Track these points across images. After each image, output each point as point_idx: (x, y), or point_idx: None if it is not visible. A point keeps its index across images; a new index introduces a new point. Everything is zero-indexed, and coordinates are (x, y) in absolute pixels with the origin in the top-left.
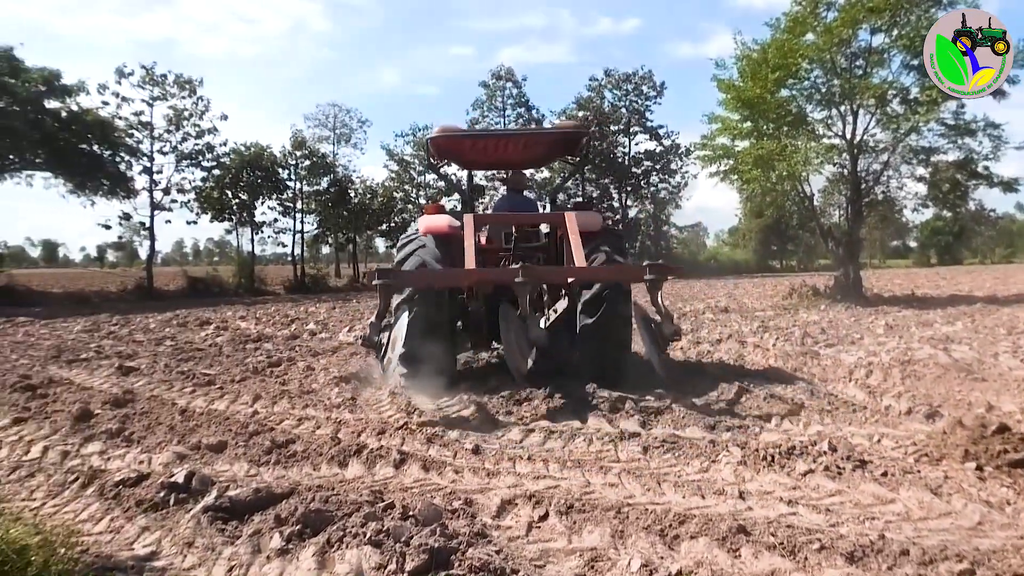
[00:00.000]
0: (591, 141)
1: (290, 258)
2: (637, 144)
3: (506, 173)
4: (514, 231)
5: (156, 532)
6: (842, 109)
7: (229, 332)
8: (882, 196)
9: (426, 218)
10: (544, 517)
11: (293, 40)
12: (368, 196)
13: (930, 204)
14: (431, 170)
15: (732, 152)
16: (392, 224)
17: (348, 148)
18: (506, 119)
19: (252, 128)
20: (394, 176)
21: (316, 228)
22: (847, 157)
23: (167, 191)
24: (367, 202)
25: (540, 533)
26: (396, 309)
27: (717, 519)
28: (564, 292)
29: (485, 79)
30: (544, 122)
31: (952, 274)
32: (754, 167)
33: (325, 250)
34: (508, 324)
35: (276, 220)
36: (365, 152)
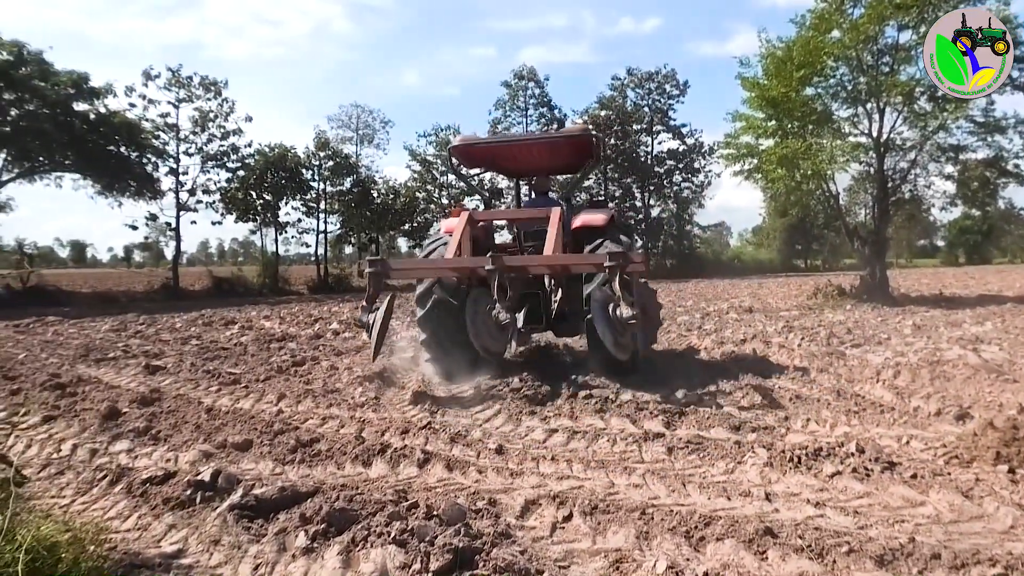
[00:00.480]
0: (602, 143)
1: (313, 258)
2: (660, 143)
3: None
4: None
5: (183, 530)
6: (868, 107)
7: (254, 331)
8: (909, 195)
9: (447, 219)
10: (568, 518)
11: (316, 42)
12: (391, 196)
13: (958, 202)
14: (454, 174)
15: (756, 151)
16: (415, 224)
17: (371, 149)
18: (528, 119)
19: (276, 129)
20: (416, 176)
21: (339, 228)
22: (873, 155)
23: (192, 192)
24: (390, 202)
25: (564, 534)
26: (419, 300)
27: (743, 521)
28: (554, 281)
29: (507, 79)
30: (566, 122)
31: (981, 273)
32: (779, 166)
33: (348, 250)
34: (476, 308)
35: (300, 220)
36: (387, 152)
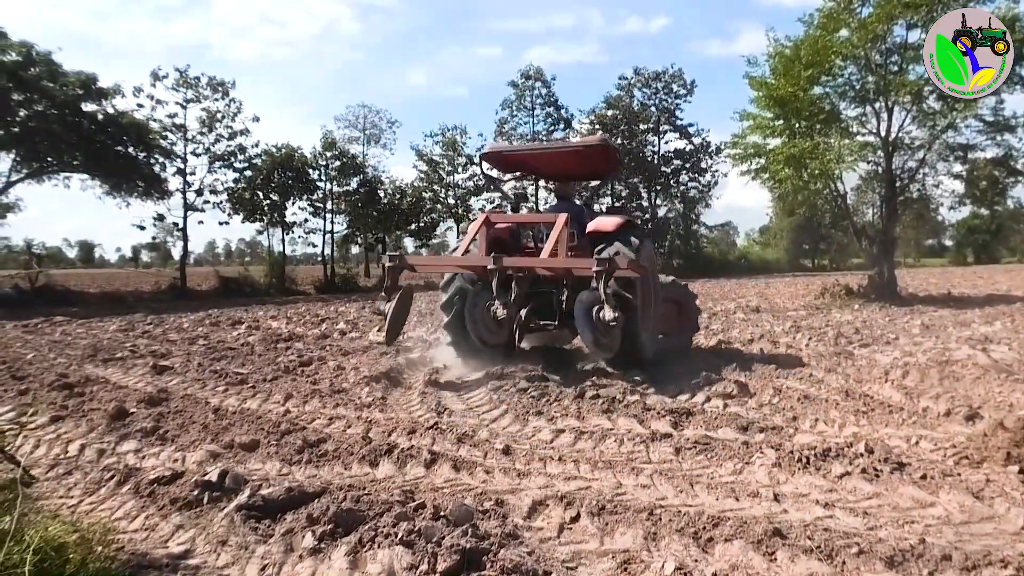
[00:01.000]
0: (619, 153)
1: (320, 258)
2: (667, 143)
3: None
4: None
5: (190, 530)
6: (876, 106)
7: (261, 331)
8: (917, 194)
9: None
10: (576, 518)
11: (323, 42)
12: (397, 196)
13: (967, 202)
14: (484, 176)
15: (764, 150)
16: (421, 224)
17: (377, 149)
18: (535, 119)
19: (283, 129)
20: (423, 176)
21: (346, 228)
22: (881, 154)
23: (200, 192)
24: (396, 202)
25: (572, 534)
26: (443, 287)
27: (752, 522)
28: (565, 282)
29: (514, 79)
30: (573, 121)
31: (989, 273)
32: (786, 165)
33: (355, 250)
34: (475, 302)
35: (306, 220)
36: (394, 153)
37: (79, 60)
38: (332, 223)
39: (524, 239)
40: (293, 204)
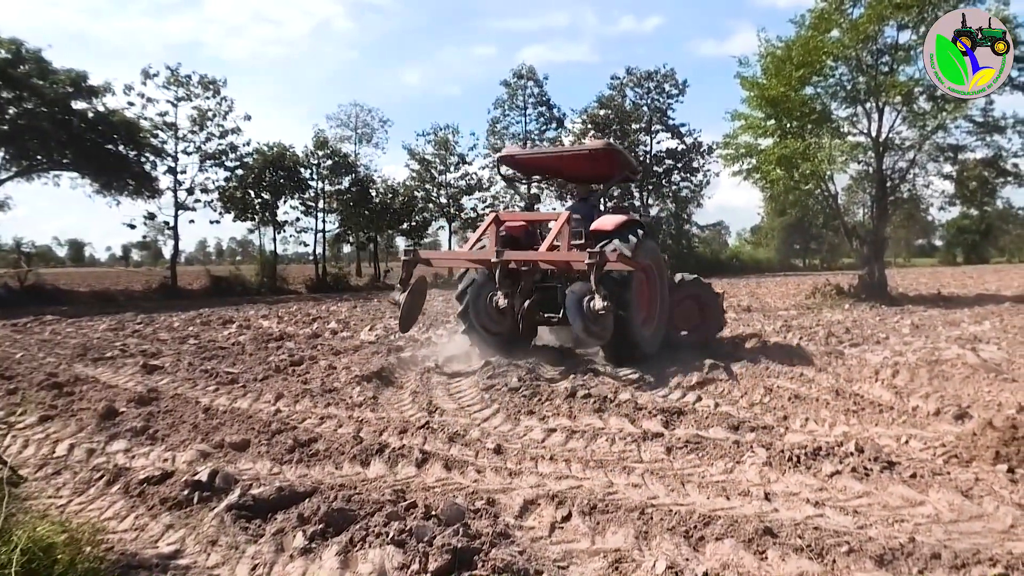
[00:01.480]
0: (625, 156)
1: (312, 257)
2: (659, 143)
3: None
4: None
5: (180, 530)
6: (867, 106)
7: (252, 331)
8: (908, 194)
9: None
10: (567, 517)
11: (317, 41)
12: (389, 195)
13: (957, 202)
14: (501, 177)
15: (755, 150)
16: (413, 223)
17: (369, 148)
18: (527, 118)
19: (277, 129)
20: (415, 176)
21: (337, 227)
22: (872, 155)
23: (191, 191)
24: (388, 201)
25: (563, 534)
26: (459, 278)
27: (743, 520)
28: (568, 276)
29: (506, 78)
30: (565, 121)
31: (979, 273)
32: (777, 166)
33: (346, 249)
34: (479, 293)
35: (298, 219)
36: (386, 152)
37: (72, 58)
38: (324, 222)
39: (542, 237)
40: (285, 203)
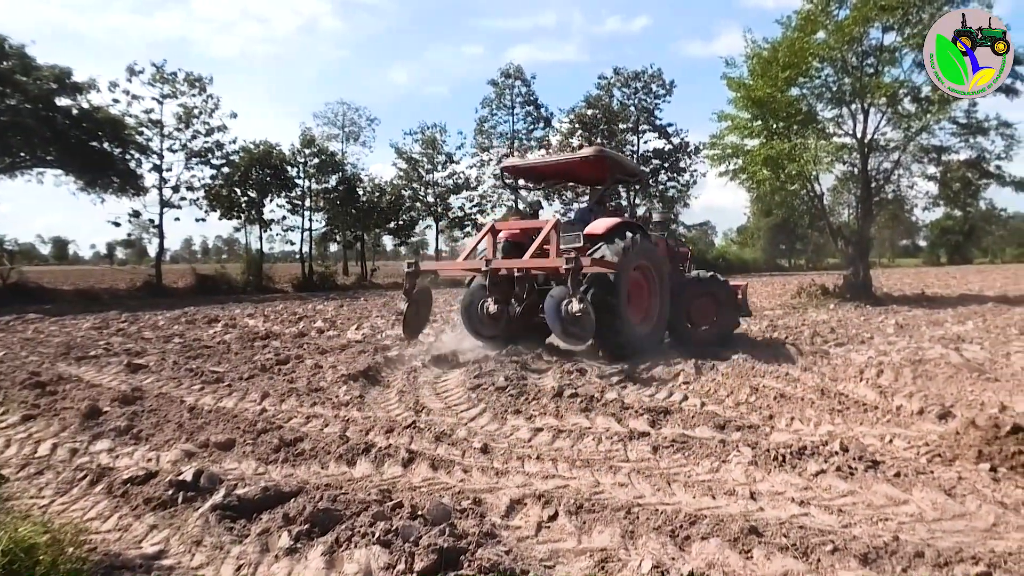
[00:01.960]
0: (617, 161)
1: (298, 256)
2: (646, 142)
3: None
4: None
5: (164, 530)
6: (853, 108)
7: (237, 330)
8: (892, 195)
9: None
10: (554, 517)
11: (305, 39)
12: (376, 194)
13: (940, 203)
14: (504, 184)
15: (742, 151)
16: (400, 222)
17: (357, 146)
18: (515, 118)
19: (263, 126)
20: (402, 174)
21: (324, 226)
22: (857, 156)
23: (176, 189)
24: (375, 200)
25: (550, 533)
26: (467, 282)
27: (728, 520)
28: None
29: (494, 78)
30: (552, 120)
31: (962, 273)
32: (764, 166)
33: (333, 248)
34: (471, 299)
35: (285, 218)
36: (373, 150)
37: (57, 54)
38: (310, 221)
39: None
40: (271, 201)
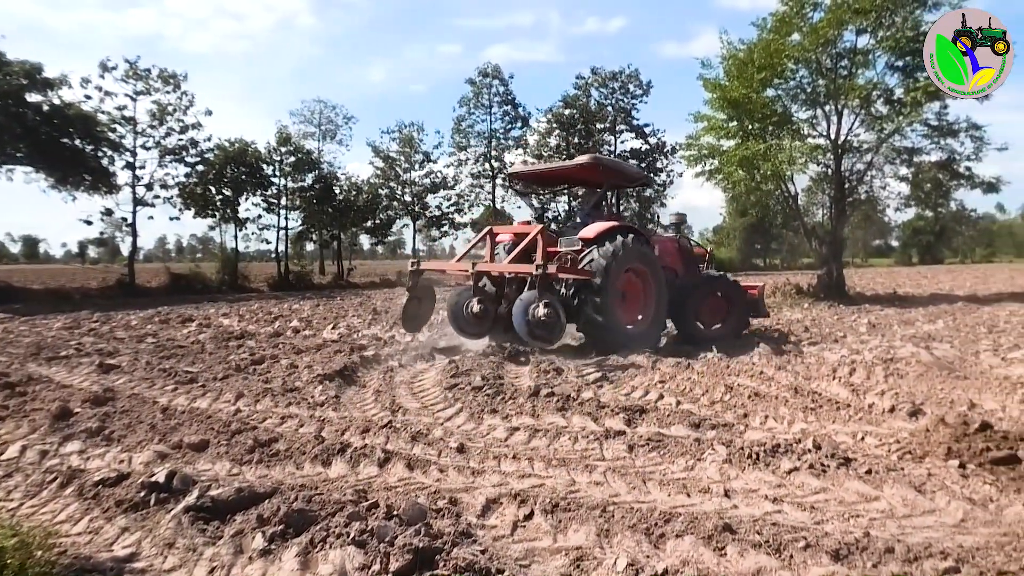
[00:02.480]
0: (611, 167)
1: (274, 255)
2: (623, 142)
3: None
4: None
5: (136, 533)
6: (827, 109)
7: (212, 329)
8: (865, 196)
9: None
10: (529, 516)
11: (280, 36)
12: (353, 193)
13: (912, 204)
14: (512, 190)
15: (717, 152)
16: (377, 221)
17: (333, 145)
18: (492, 117)
19: (238, 124)
20: (380, 173)
21: (300, 225)
22: (831, 157)
23: (150, 187)
24: (352, 199)
25: (525, 532)
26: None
27: (703, 517)
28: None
29: (472, 77)
30: (530, 120)
31: (933, 273)
32: (739, 167)
33: (309, 247)
34: (457, 300)
35: (260, 216)
36: (350, 149)
37: (28, 50)
38: (286, 219)
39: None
40: (246, 200)
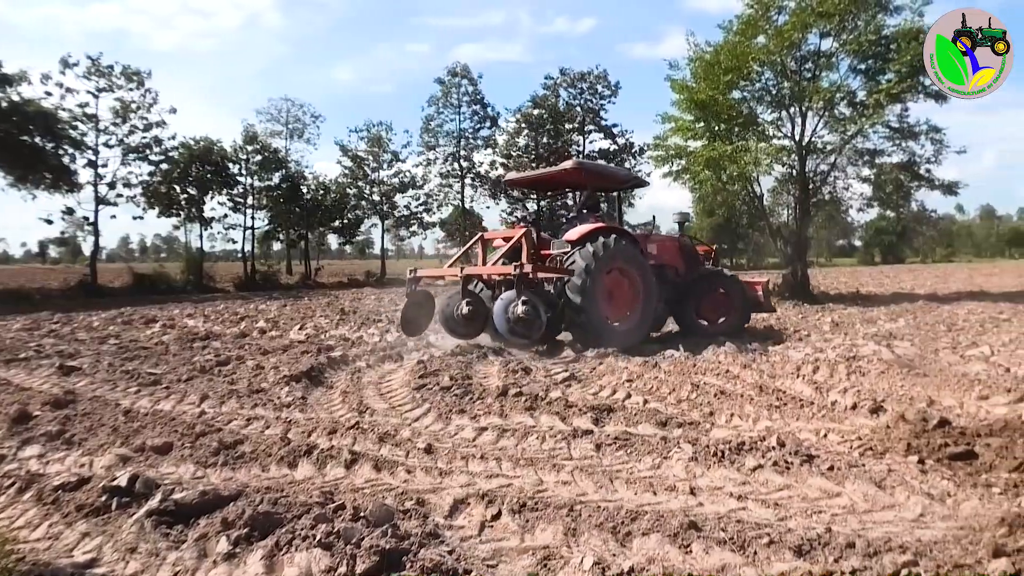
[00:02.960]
0: (593, 170)
1: (240, 255)
2: (592, 142)
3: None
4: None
5: (97, 538)
6: (791, 111)
7: (176, 330)
8: (829, 196)
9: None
10: (497, 516)
11: (247, 34)
12: (321, 192)
13: (874, 204)
14: (508, 195)
15: (685, 152)
16: (345, 220)
17: (301, 143)
18: (461, 116)
19: (204, 122)
20: (347, 172)
21: (267, 224)
22: (796, 158)
23: (112, 185)
24: (320, 198)
25: (493, 532)
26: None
27: (669, 515)
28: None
29: (440, 76)
30: (499, 120)
31: (895, 272)
32: (706, 167)
33: (276, 247)
34: (447, 301)
35: (226, 216)
36: (318, 148)
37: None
38: (253, 219)
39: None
40: (212, 199)
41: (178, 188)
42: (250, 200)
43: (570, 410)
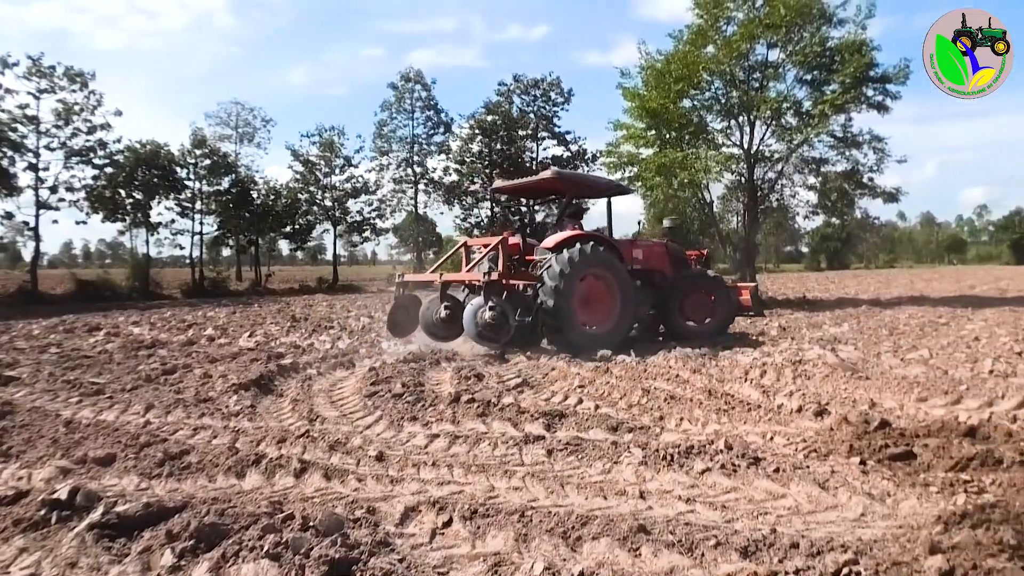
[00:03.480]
0: (571, 179)
1: (188, 260)
2: (545, 149)
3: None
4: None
5: (35, 553)
6: (740, 120)
7: (121, 338)
8: (776, 203)
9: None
10: (448, 523)
11: (196, 35)
12: (271, 197)
13: (820, 211)
14: (496, 203)
15: (636, 159)
16: (296, 226)
17: (251, 148)
18: (415, 122)
19: (151, 125)
20: (299, 177)
21: (216, 229)
22: (744, 166)
23: (54, 189)
24: (270, 203)
25: (444, 540)
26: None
27: (618, 519)
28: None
29: (394, 81)
30: (452, 126)
31: (840, 278)
32: (657, 174)
33: (226, 252)
34: (428, 306)
35: (173, 221)
36: (269, 152)
37: None
38: (201, 224)
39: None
40: (159, 204)
41: (123, 192)
42: (198, 205)
43: (522, 416)
